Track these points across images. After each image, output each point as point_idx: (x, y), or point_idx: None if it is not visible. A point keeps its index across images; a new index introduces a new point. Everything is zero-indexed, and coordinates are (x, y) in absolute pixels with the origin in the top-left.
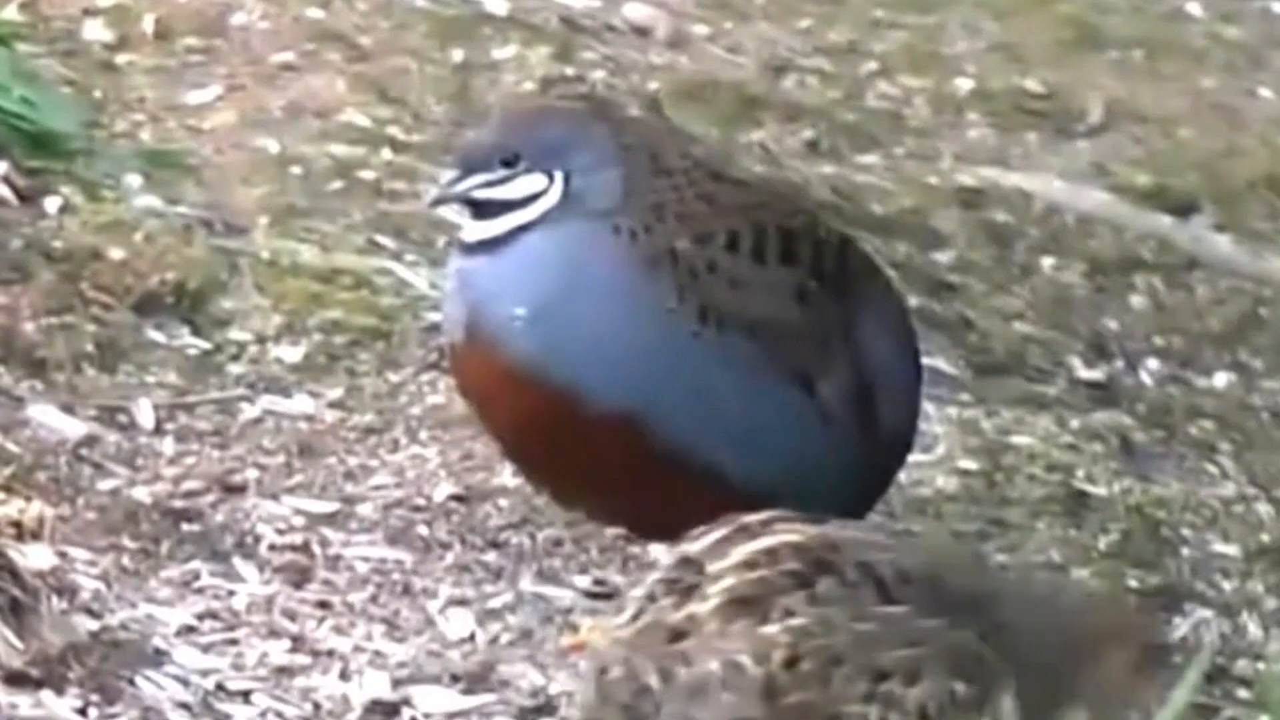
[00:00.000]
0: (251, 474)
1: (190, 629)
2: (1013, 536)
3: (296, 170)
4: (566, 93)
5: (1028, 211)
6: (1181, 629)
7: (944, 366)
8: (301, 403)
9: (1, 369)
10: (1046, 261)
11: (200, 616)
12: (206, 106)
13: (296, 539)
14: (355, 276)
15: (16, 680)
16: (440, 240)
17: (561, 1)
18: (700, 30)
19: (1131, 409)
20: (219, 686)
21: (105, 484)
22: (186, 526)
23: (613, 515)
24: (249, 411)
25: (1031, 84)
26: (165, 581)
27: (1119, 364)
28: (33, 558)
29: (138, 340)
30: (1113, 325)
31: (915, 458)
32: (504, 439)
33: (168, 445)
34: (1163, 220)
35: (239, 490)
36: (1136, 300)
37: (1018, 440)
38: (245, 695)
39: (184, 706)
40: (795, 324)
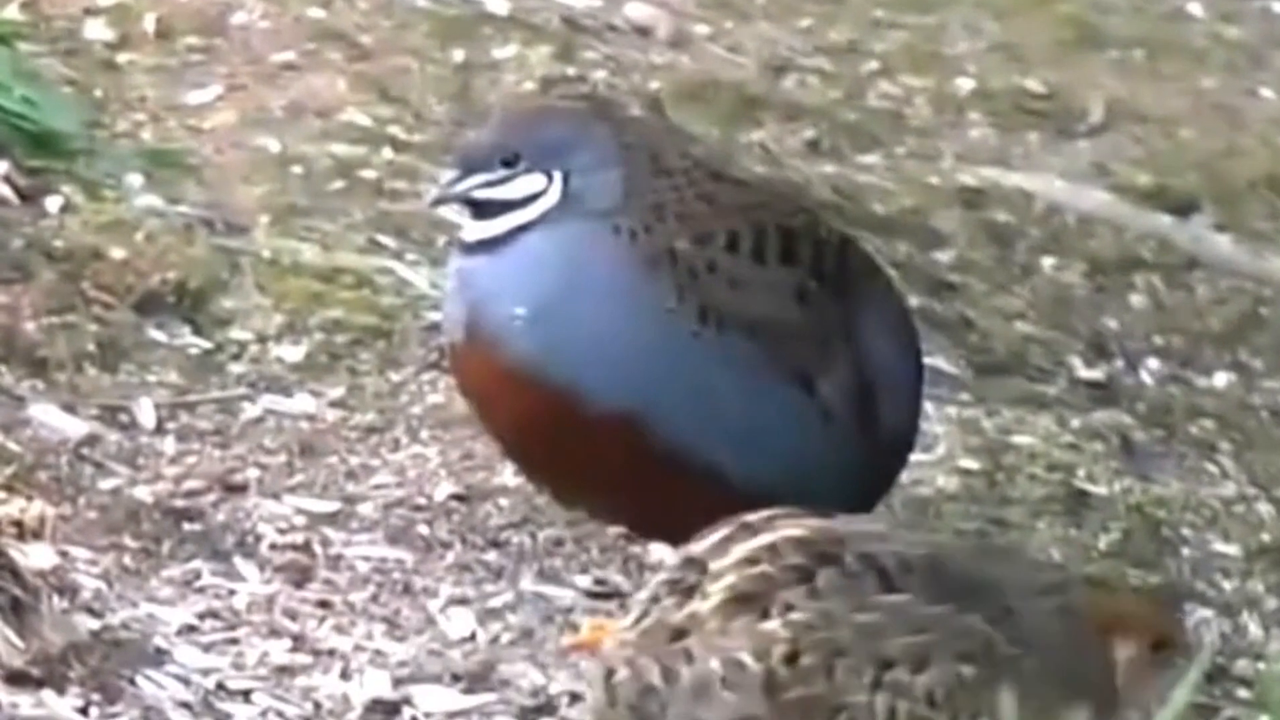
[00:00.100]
0: (252, 473)
1: (191, 628)
2: (1013, 536)
3: (297, 170)
4: (568, 92)
5: (1028, 211)
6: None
7: (945, 366)
8: (302, 402)
9: (3, 368)
10: (1047, 261)
11: (201, 616)
12: (207, 106)
13: (297, 538)
14: (356, 276)
15: (17, 679)
16: (441, 240)
17: (563, 1)
18: (701, 30)
19: (1132, 408)
20: (220, 686)
21: (106, 483)
22: (188, 526)
23: (613, 515)
24: (250, 411)
25: (1032, 84)
26: (166, 581)
27: (1119, 364)
28: (34, 557)
29: (139, 340)
30: (1113, 325)
31: (916, 457)
32: (504, 439)
33: (169, 444)
34: (1163, 220)
35: (240, 490)
36: (1137, 300)
37: (1018, 440)
38: (246, 694)
39: (185, 706)
40: (795, 324)
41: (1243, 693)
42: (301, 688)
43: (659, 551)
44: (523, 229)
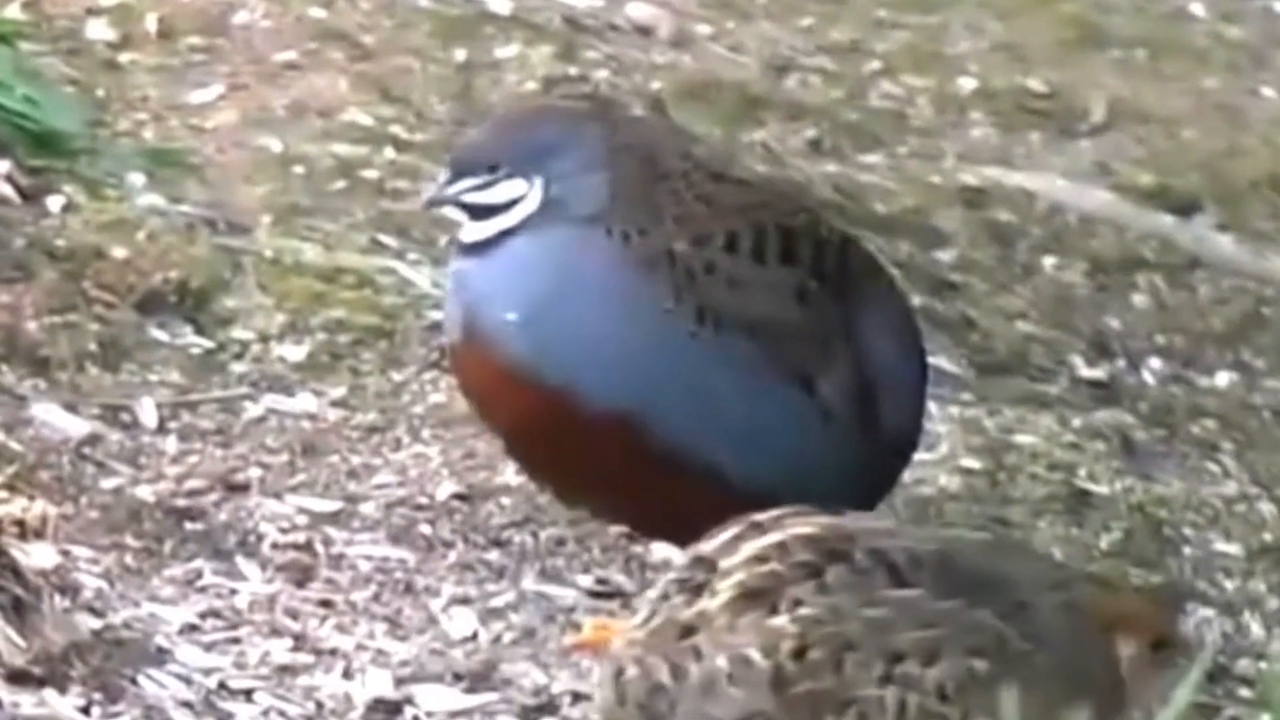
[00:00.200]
0: (254, 473)
1: (193, 627)
2: (1015, 535)
3: (299, 169)
4: (569, 92)
5: (1030, 211)
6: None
7: (946, 365)
8: (304, 401)
9: (4, 367)
10: (1049, 261)
11: (203, 615)
12: (209, 105)
13: (299, 538)
14: (358, 275)
15: (19, 679)
16: (443, 239)
17: (564, 1)
18: (703, 30)
19: (1133, 408)
20: (221, 685)
21: (108, 483)
22: (189, 525)
23: (614, 514)
24: (252, 410)
25: (1034, 83)
26: (168, 580)
27: (1121, 363)
28: (36, 556)
29: (140, 339)
30: (1115, 324)
31: (918, 456)
32: (504, 438)
33: (171, 444)
34: (1165, 220)
35: (242, 489)
36: (1139, 299)
37: (1020, 439)
38: (248, 694)
39: (186, 705)
40: (795, 324)
41: (1245, 692)
42: (303, 687)
43: (661, 551)
44: (509, 234)
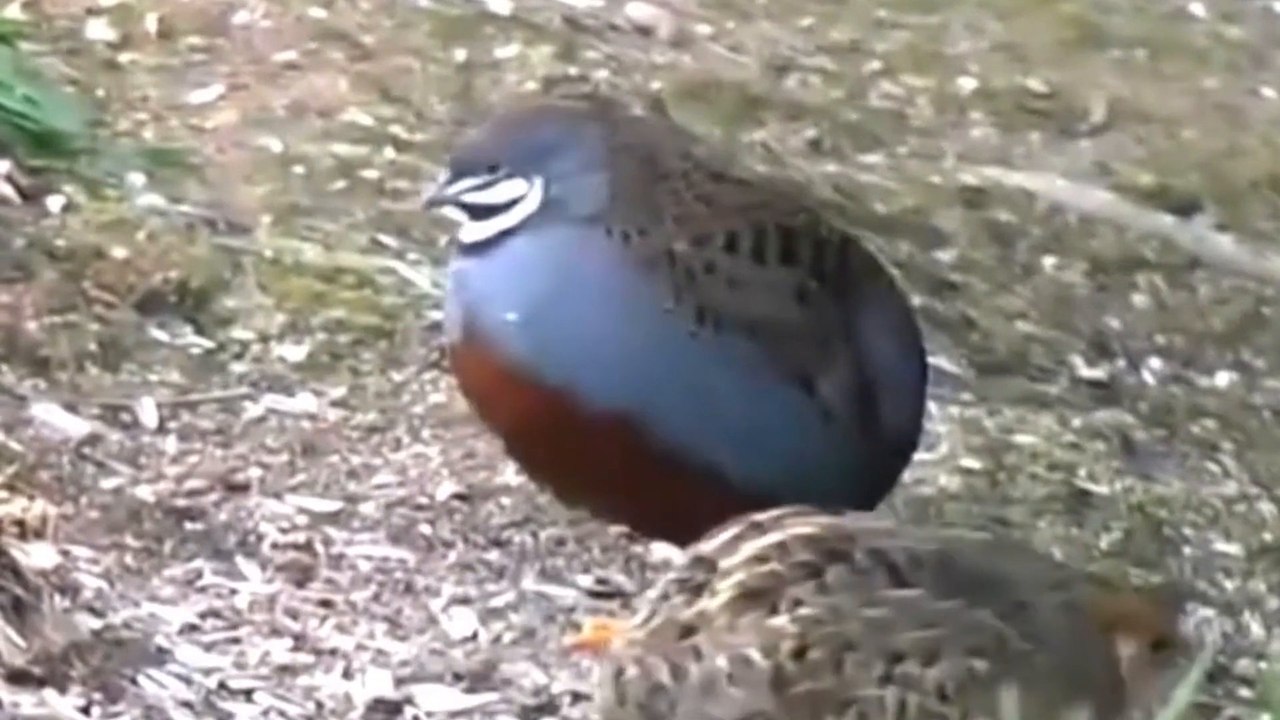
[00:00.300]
0: (254, 473)
1: (193, 628)
2: (1015, 535)
3: (299, 169)
4: (569, 92)
5: (1030, 211)
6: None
7: (946, 365)
8: (304, 401)
9: (4, 367)
10: (1049, 261)
11: (203, 615)
12: (209, 105)
13: (299, 538)
14: (358, 275)
15: (19, 679)
16: (443, 239)
17: (564, 1)
18: (703, 30)
19: (1133, 408)
20: (221, 685)
21: (108, 483)
22: (189, 525)
23: (614, 514)
24: (252, 410)
25: (1034, 83)
26: (168, 580)
27: (1121, 363)
28: (36, 556)
29: (141, 339)
30: (1115, 324)
31: (918, 456)
32: (504, 438)
33: (171, 444)
34: (1165, 220)
35: (242, 489)
36: (1139, 299)
37: (1020, 439)
38: (248, 694)
39: (186, 705)
40: (795, 324)
41: (1245, 692)
42: (303, 687)
43: (661, 551)
44: (509, 234)
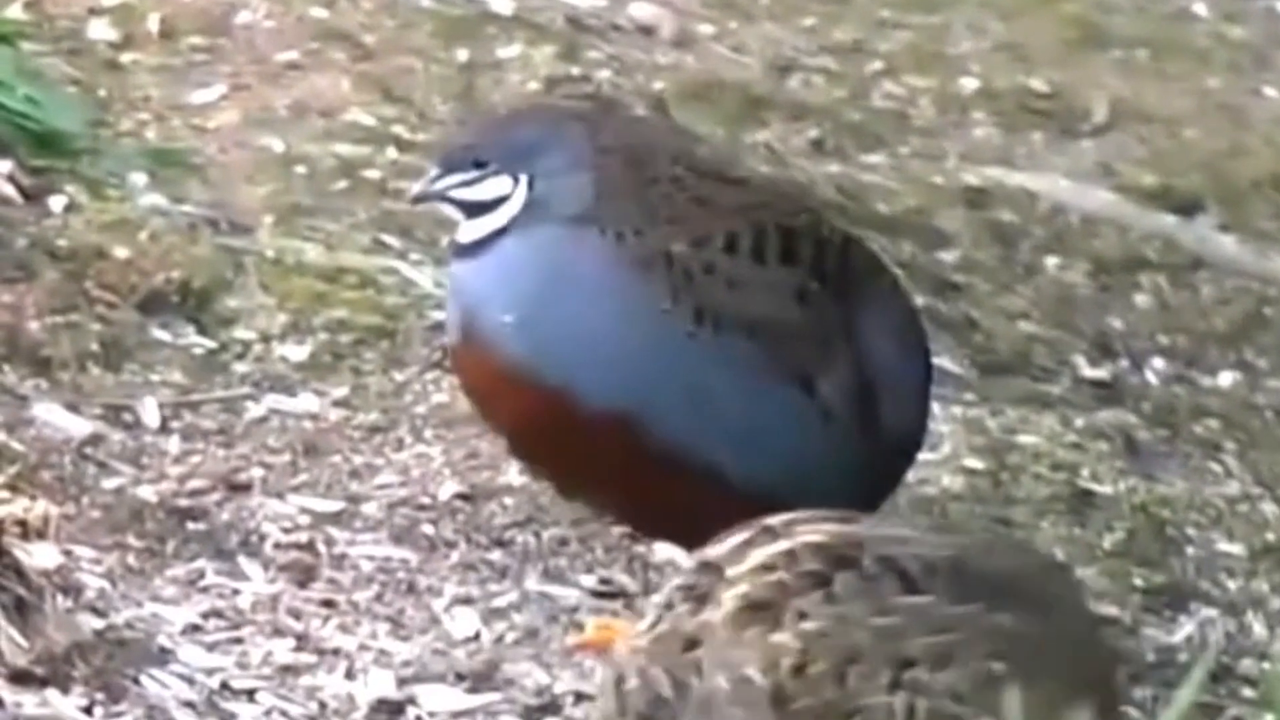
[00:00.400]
0: (256, 473)
1: (195, 628)
2: (1018, 535)
3: (301, 169)
4: (572, 92)
5: (1033, 211)
6: (1186, 628)
7: (949, 366)
8: (306, 401)
9: (6, 367)
10: (1051, 261)
11: (205, 615)
12: (211, 105)
13: (301, 538)
14: (360, 275)
15: (22, 679)
16: (445, 239)
17: (567, 1)
18: (705, 30)
19: (1136, 408)
20: (224, 685)
21: (110, 483)
22: (191, 525)
23: (615, 513)
24: (254, 410)
25: (1036, 84)
26: (170, 580)
27: (1124, 363)
28: (38, 556)
29: (143, 339)
30: (1117, 324)
31: (921, 456)
32: (506, 437)
33: (173, 444)
34: (1167, 220)
35: (244, 489)
36: (1141, 300)
37: (1023, 439)
38: (250, 694)
39: (189, 705)
40: (795, 324)
41: (1247, 692)
42: (306, 687)
43: (664, 551)
44: (501, 233)
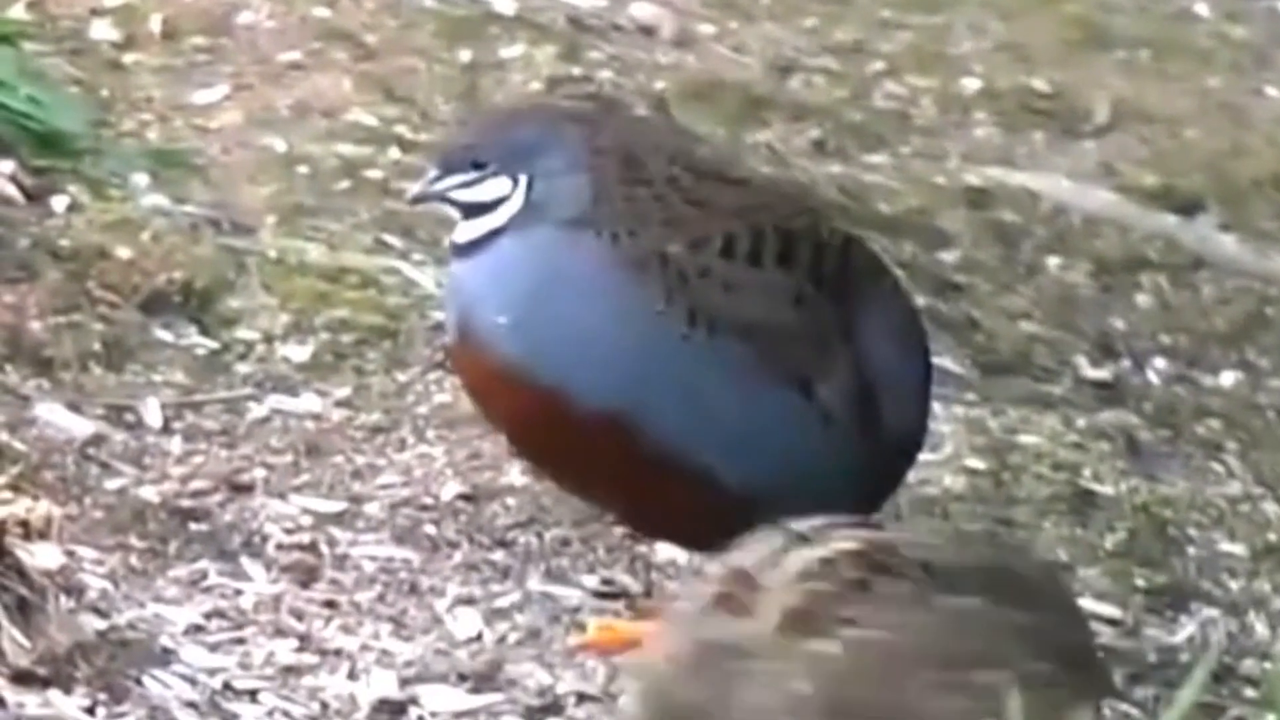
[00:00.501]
0: (259, 473)
1: (198, 628)
2: (1020, 536)
3: (303, 169)
4: (573, 92)
5: (1034, 211)
6: (1188, 628)
7: (950, 366)
8: (309, 402)
9: (9, 368)
10: (1053, 261)
11: (208, 616)
12: (213, 106)
13: (304, 538)
14: (362, 275)
15: (24, 679)
16: (447, 239)
17: (568, 1)
18: (706, 30)
19: (1138, 408)
20: (226, 685)
21: (112, 483)
22: (194, 526)
23: (613, 512)
24: (256, 411)
25: (1038, 84)
26: (173, 581)
27: (1125, 363)
28: (40, 557)
29: (145, 339)
30: (1119, 325)
31: (922, 457)
32: (505, 435)
33: (175, 444)
34: (1169, 220)
35: (246, 489)
36: (1143, 300)
37: (1024, 439)
38: (252, 694)
39: (191, 705)
40: (792, 326)
41: (1249, 692)
42: (308, 688)
43: (666, 551)
44: (498, 234)
